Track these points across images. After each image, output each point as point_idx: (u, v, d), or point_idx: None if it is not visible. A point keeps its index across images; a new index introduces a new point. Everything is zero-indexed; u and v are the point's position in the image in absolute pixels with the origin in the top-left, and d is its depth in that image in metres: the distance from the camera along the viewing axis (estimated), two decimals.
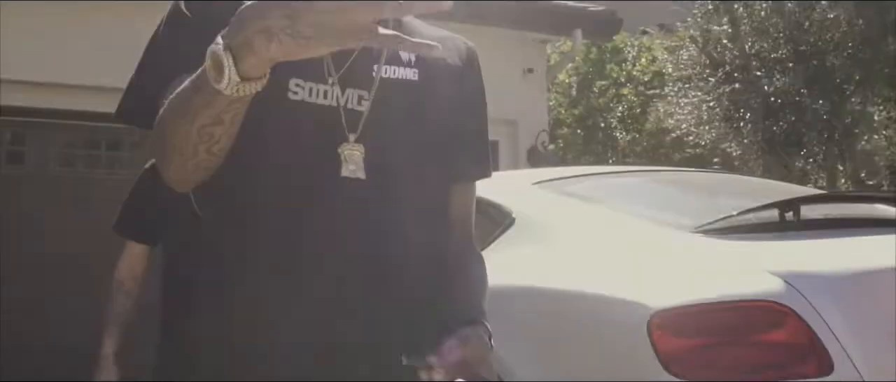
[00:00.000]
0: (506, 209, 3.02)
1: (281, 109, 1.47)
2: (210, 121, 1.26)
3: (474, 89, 1.76)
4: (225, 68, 1.16)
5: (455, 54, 1.72)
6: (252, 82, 1.19)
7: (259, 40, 1.14)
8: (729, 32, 9.51)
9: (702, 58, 9.70)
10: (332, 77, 1.51)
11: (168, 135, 1.33)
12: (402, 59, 1.60)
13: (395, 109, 1.55)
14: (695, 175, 4.12)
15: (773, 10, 9.31)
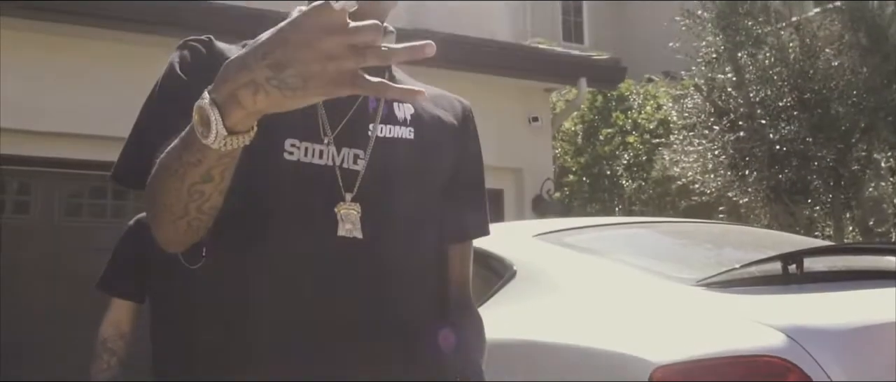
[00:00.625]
0: (507, 261, 3.01)
1: (276, 170, 1.47)
2: (200, 179, 1.26)
3: (471, 147, 1.77)
4: (212, 123, 1.16)
5: (451, 113, 1.74)
6: (240, 136, 1.18)
7: (245, 93, 1.13)
8: (733, 80, 9.52)
9: (706, 106, 9.71)
10: (327, 137, 1.51)
11: (159, 195, 1.33)
12: (397, 117, 1.61)
13: (391, 168, 1.56)
14: (698, 226, 4.11)
15: (778, 58, 9.33)
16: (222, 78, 1.16)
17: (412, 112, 1.65)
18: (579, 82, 9.39)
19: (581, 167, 13.97)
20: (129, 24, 7.08)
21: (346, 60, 1.09)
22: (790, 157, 8.95)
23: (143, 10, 7.06)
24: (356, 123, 1.55)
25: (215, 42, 1.55)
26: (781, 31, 9.71)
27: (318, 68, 1.10)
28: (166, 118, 1.37)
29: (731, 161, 9.41)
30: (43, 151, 7.21)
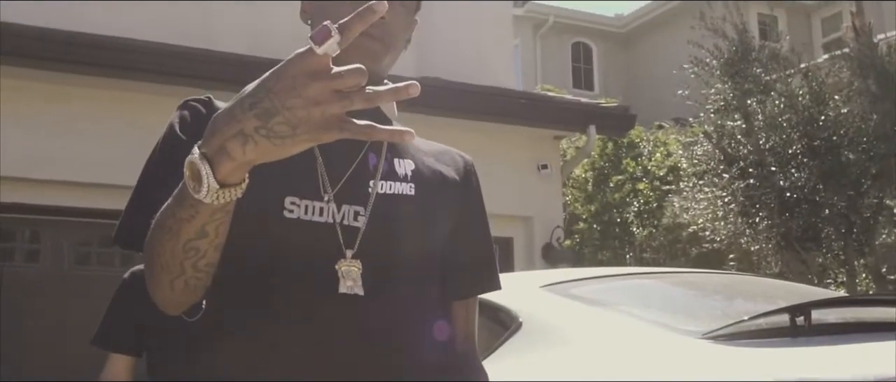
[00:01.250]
0: (513, 313, 2.99)
1: (277, 228, 1.47)
2: (195, 235, 1.26)
3: (474, 202, 1.77)
4: (203, 177, 1.16)
5: (452, 168, 1.74)
6: (231, 188, 1.18)
7: (234, 145, 1.13)
8: (742, 128, 9.51)
9: (716, 153, 9.70)
10: (327, 194, 1.52)
11: (156, 254, 1.33)
12: (398, 174, 1.62)
13: (392, 224, 1.56)
14: (706, 276, 4.08)
15: (787, 105, 9.32)
16: (211, 131, 1.16)
17: (413, 168, 1.65)
18: (588, 130, 9.39)
19: (592, 214, 13.97)
20: (136, 73, 7.14)
21: (332, 105, 1.09)
22: (801, 204, 8.92)
23: (151, 60, 7.12)
24: (357, 180, 1.55)
25: (214, 102, 1.56)
26: (790, 79, 9.71)
27: (305, 114, 1.10)
28: (166, 179, 1.37)
29: (742, 208, 9.38)
30: (52, 199, 7.24)
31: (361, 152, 1.58)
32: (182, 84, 6.84)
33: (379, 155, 1.61)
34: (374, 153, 1.60)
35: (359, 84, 1.10)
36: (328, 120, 1.10)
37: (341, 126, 1.11)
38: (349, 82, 1.09)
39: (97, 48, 7.02)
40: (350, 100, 1.10)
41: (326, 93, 1.09)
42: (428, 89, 6.10)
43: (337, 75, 1.09)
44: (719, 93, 9.72)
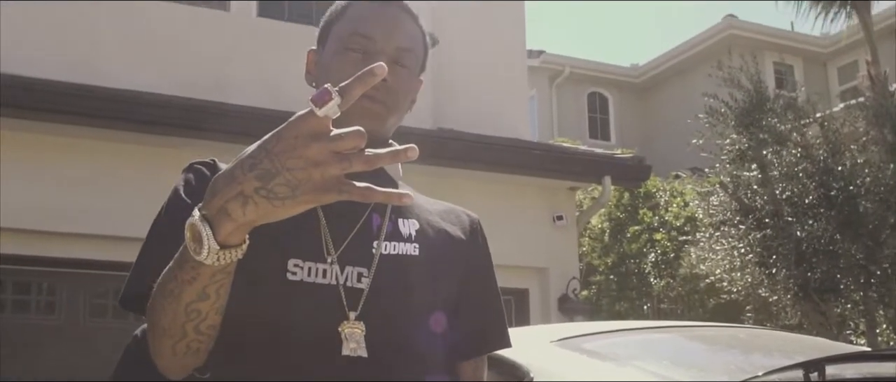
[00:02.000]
0: (523, 368, 2.96)
1: (280, 290, 1.47)
2: (196, 297, 1.25)
3: (481, 260, 1.75)
4: (204, 238, 1.15)
5: (458, 227, 1.73)
6: (232, 250, 1.18)
7: (234, 205, 1.13)
8: (758, 178, 9.47)
9: (732, 203, 9.65)
10: (330, 256, 1.51)
11: (158, 319, 1.32)
12: (402, 234, 1.60)
13: (396, 286, 1.54)
14: (721, 330, 4.04)
15: (803, 155, 9.29)
16: (211, 192, 1.15)
17: (417, 227, 1.64)
18: (604, 180, 9.39)
19: (608, 265, 13.90)
20: (153, 126, 7.19)
21: (331, 166, 1.09)
22: (818, 255, 8.85)
23: (167, 114, 7.18)
24: (360, 241, 1.54)
25: (219, 164, 1.56)
26: (806, 128, 9.68)
27: (304, 175, 1.09)
28: (170, 242, 1.35)
29: (759, 258, 9.32)
30: (69, 252, 7.27)
31: (365, 213, 1.57)
32: (197, 137, 6.89)
33: (383, 215, 1.60)
34: (377, 213, 1.59)
35: (358, 146, 1.10)
36: (327, 181, 1.10)
37: (340, 188, 1.11)
38: (348, 144, 1.09)
39: (114, 102, 7.09)
40: (349, 162, 1.09)
41: (326, 155, 1.09)
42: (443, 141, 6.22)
43: (336, 137, 1.09)
44: (734, 143, 9.69)
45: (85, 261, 7.35)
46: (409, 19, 1.72)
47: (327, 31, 1.72)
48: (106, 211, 7.10)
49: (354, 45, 1.61)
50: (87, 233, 7.19)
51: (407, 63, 1.67)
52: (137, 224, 3.77)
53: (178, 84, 7.66)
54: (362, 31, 1.64)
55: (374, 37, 1.63)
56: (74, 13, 7.90)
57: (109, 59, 7.78)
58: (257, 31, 8.56)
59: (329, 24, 1.72)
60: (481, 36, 9.81)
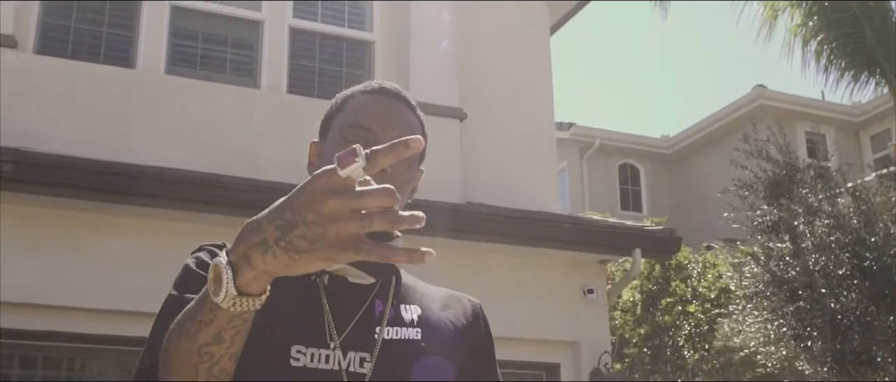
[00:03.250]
0: None
1: (283, 377, 1.48)
2: (211, 339, 1.25)
3: (483, 345, 1.77)
4: (224, 281, 1.16)
5: (461, 313, 1.75)
6: (249, 298, 1.18)
7: (255, 253, 1.14)
8: (790, 249, 9.40)
9: (765, 275, 9.56)
10: (333, 341, 1.52)
11: (171, 356, 1.32)
12: (404, 319, 1.63)
13: (398, 371, 1.56)
14: None
15: (835, 226, 9.22)
16: (238, 239, 1.17)
17: (420, 313, 1.66)
18: (634, 253, 9.33)
19: (641, 338, 13.76)
20: (184, 202, 7.26)
21: (348, 224, 1.09)
22: (853, 327, 8.73)
23: (198, 190, 7.25)
24: (363, 326, 1.56)
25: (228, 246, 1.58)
26: (838, 198, 9.62)
27: (320, 231, 1.10)
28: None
29: (794, 331, 9.21)
30: (97, 329, 7.29)
31: (368, 298, 1.59)
32: (227, 213, 6.94)
33: (385, 301, 1.62)
34: (380, 299, 1.62)
35: (384, 205, 1.10)
36: (343, 239, 1.10)
37: (357, 246, 1.11)
38: (372, 203, 1.10)
39: (143, 179, 7.17)
40: (370, 220, 1.09)
41: (344, 212, 1.09)
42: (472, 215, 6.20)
43: (358, 194, 1.09)
44: (765, 214, 9.64)
45: (114, 338, 7.37)
46: (408, 110, 1.76)
47: (328, 124, 1.76)
48: (136, 286, 7.13)
49: (354, 136, 1.65)
50: (117, 309, 7.22)
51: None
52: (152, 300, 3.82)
53: (209, 161, 7.75)
54: (361, 123, 1.67)
55: (373, 128, 1.66)
56: (105, 91, 8.04)
57: (140, 136, 7.90)
58: (287, 107, 8.65)
59: (330, 117, 1.77)
60: (510, 109, 9.87)
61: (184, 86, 8.44)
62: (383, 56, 9.49)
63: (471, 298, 1.82)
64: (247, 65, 9.06)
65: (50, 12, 8.39)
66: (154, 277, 7.03)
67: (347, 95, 1.79)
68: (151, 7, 8.64)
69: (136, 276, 7.15)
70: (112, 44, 8.54)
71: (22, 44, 7.98)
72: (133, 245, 7.34)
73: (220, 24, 9.08)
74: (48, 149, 7.18)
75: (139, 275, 7.17)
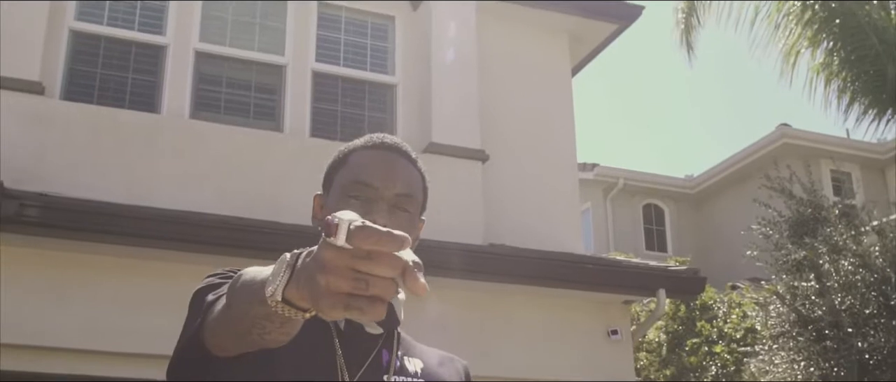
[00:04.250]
0: None
1: None
2: (263, 316, 1.25)
3: None
4: (277, 281, 1.16)
5: (454, 372, 1.85)
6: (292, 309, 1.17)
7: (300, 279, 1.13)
8: (816, 288, 9.33)
9: (791, 314, 9.49)
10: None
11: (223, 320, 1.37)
12: (408, 370, 1.72)
13: None
14: None
15: (861, 264, 9.15)
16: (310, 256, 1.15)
17: (422, 366, 1.75)
18: (658, 293, 9.28)
19: (667, 379, 13.65)
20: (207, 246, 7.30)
21: (340, 280, 1.06)
22: (881, 366, 8.64)
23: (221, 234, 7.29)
24: (372, 373, 1.64)
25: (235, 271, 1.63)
26: (863, 237, 9.56)
27: (321, 280, 1.07)
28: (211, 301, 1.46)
29: (821, 371, 9.11)
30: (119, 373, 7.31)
31: (376, 347, 1.67)
32: (250, 256, 6.93)
33: (391, 351, 1.70)
34: (386, 349, 1.69)
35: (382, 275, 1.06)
36: (333, 293, 1.07)
37: (348, 304, 1.07)
38: (372, 269, 1.06)
39: (169, 222, 7.23)
40: (365, 284, 1.06)
41: (337, 267, 1.06)
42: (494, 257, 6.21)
43: (358, 257, 1.05)
44: (790, 253, 9.58)
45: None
46: (408, 164, 1.80)
47: (331, 178, 1.81)
48: (159, 330, 7.15)
49: (355, 192, 1.69)
50: (141, 353, 7.25)
51: (407, 207, 1.74)
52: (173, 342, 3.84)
53: (232, 204, 7.81)
54: (363, 179, 1.71)
55: (374, 184, 1.70)
56: (130, 136, 8.13)
57: (164, 180, 7.97)
58: (310, 150, 8.70)
59: (332, 171, 1.82)
60: (532, 150, 9.89)
61: (208, 130, 8.52)
62: (405, 99, 9.56)
63: (461, 360, 1.91)
64: (270, 109, 9.14)
65: (76, 59, 8.51)
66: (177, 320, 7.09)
67: (349, 150, 1.82)
68: (176, 53, 8.75)
69: (158, 319, 7.15)
70: (137, 89, 8.65)
71: (49, 90, 8.09)
72: (156, 288, 7.37)
73: (243, 68, 9.18)
74: (74, 193, 7.26)
75: (162, 319, 7.16)
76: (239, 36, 9.23)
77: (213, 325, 1.43)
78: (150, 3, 8.94)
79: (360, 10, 9.77)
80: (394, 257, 1.06)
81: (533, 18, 10.30)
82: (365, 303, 1.06)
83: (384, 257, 1.05)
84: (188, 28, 8.92)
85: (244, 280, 1.30)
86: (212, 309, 1.44)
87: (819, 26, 10.81)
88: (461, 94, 9.47)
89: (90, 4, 8.73)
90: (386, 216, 1.65)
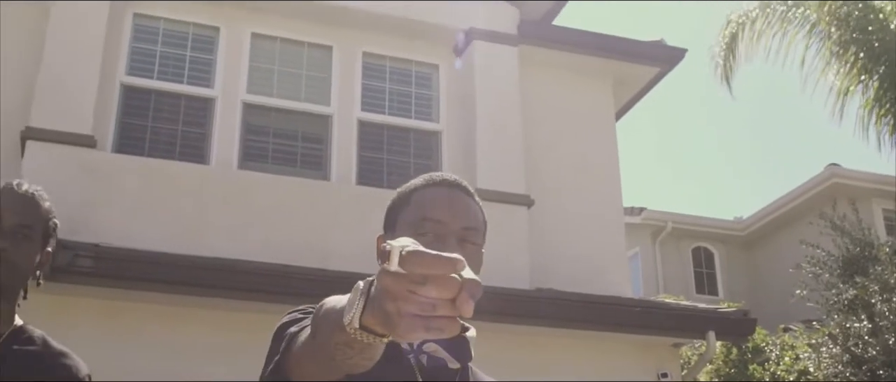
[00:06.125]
0: None
1: None
2: (343, 342, 1.26)
3: None
4: (353, 308, 1.18)
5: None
6: (369, 335, 1.19)
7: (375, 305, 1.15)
8: (868, 328, 9.20)
9: (843, 355, 9.36)
10: None
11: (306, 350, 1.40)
12: None
13: None
14: None
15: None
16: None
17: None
18: (708, 336, 9.20)
19: None
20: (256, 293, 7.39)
21: (407, 304, 1.08)
22: None
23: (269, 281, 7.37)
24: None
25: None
26: None
27: (389, 307, 1.10)
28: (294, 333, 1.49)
29: None
30: None
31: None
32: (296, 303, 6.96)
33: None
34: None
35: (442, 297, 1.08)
36: (405, 317, 1.09)
37: (428, 326, 1.09)
38: (430, 292, 1.08)
39: (218, 271, 7.33)
40: (433, 307, 1.08)
41: (398, 291, 1.09)
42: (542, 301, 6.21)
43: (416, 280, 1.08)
44: (841, 293, 9.47)
45: None
46: (469, 198, 1.86)
47: (394, 217, 1.86)
48: (210, 375, 7.24)
49: (424, 229, 1.76)
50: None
51: (474, 240, 1.80)
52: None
53: (280, 252, 7.89)
54: (431, 217, 1.77)
55: (443, 220, 1.77)
56: (180, 187, 8.28)
57: (213, 229, 8.09)
58: (357, 198, 8.80)
59: (395, 212, 1.87)
60: (578, 194, 9.90)
61: (256, 180, 8.64)
62: (450, 145, 9.62)
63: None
64: (316, 158, 9.25)
65: (127, 112, 8.69)
66: (228, 367, 7.17)
67: (411, 189, 1.88)
68: (224, 105, 8.91)
69: (209, 367, 7.26)
70: (187, 141, 8.81)
71: (101, 143, 8.27)
72: (206, 335, 7.47)
73: (290, 119, 9.32)
74: (125, 243, 7.39)
75: (213, 366, 7.29)
76: (285, 87, 9.39)
77: (297, 355, 1.47)
78: (199, 57, 9.13)
79: (404, 58, 9.89)
80: (448, 279, 1.08)
81: (575, 63, 10.36)
82: (443, 323, 1.09)
83: (438, 279, 1.08)
84: (236, 80, 9.09)
85: (326, 308, 1.34)
86: (295, 341, 1.48)
87: (863, 64, 10.74)
88: (505, 140, 9.52)
89: (141, 59, 8.93)
90: (456, 249, 1.68)
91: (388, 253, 1.11)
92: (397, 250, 1.10)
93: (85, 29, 8.48)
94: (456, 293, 1.08)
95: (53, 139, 7.85)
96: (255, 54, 9.31)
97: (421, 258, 1.08)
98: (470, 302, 1.08)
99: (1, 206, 2.40)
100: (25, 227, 2.42)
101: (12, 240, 2.38)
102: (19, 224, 2.41)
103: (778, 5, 11.08)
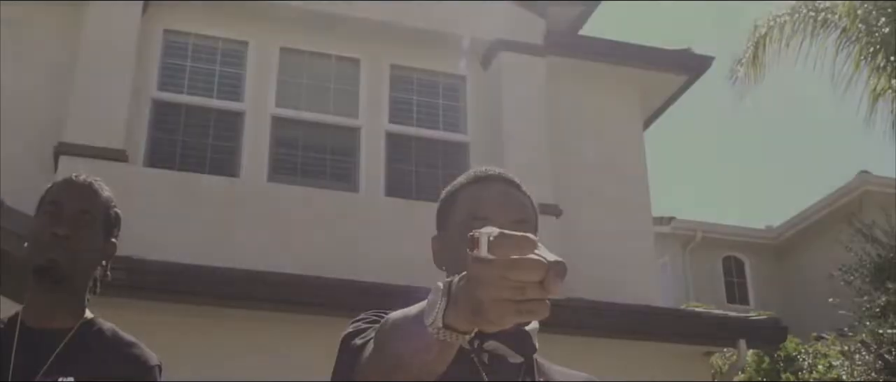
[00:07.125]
0: None
1: None
2: (423, 348, 1.28)
3: None
4: (435, 309, 1.21)
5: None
6: (453, 333, 1.21)
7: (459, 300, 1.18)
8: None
9: (876, 362, 9.29)
10: None
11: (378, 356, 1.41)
12: None
13: None
14: None
15: None
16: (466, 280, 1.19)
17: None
18: (739, 344, 9.15)
19: None
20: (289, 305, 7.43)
21: (500, 290, 1.11)
22: None
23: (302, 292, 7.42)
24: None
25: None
26: None
27: (483, 295, 1.12)
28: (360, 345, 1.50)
29: None
30: None
31: (520, 376, 1.72)
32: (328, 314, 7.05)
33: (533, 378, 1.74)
34: (528, 376, 1.74)
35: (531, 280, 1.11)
36: (497, 303, 1.12)
37: (518, 309, 1.12)
38: (519, 275, 1.11)
39: (249, 282, 7.38)
40: (522, 292, 1.11)
41: (493, 279, 1.11)
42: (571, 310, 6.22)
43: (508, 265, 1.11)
44: (873, 299, 9.40)
45: None
46: (516, 190, 1.86)
47: (445, 217, 1.84)
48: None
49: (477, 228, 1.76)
50: None
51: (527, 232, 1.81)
52: None
53: (310, 263, 7.93)
54: (480, 215, 1.75)
55: (491, 216, 1.72)
56: (210, 200, 8.38)
57: (243, 242, 8.14)
58: (386, 210, 8.84)
59: (445, 211, 1.85)
60: (606, 204, 9.88)
61: (285, 193, 8.70)
62: (478, 156, 9.64)
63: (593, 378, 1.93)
64: (346, 171, 9.30)
65: (158, 127, 8.79)
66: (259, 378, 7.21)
67: (457, 187, 1.87)
68: (253, 119, 8.98)
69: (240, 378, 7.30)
70: (217, 155, 8.89)
71: (132, 157, 8.35)
72: (238, 346, 7.51)
73: (319, 132, 9.38)
74: (157, 256, 7.44)
75: (244, 377, 7.33)
76: (314, 100, 9.45)
77: (364, 367, 1.47)
78: (228, 72, 9.21)
79: (431, 70, 9.93)
80: (536, 262, 1.11)
81: (602, 73, 10.36)
82: (534, 305, 1.12)
83: (526, 262, 1.11)
84: (265, 94, 9.17)
85: (394, 321, 1.36)
86: (361, 353, 1.49)
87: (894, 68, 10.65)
88: (533, 150, 9.53)
89: (171, 74, 9.03)
90: None
91: (476, 240, 1.13)
92: (485, 236, 1.13)
93: (116, 46, 8.59)
94: (544, 274, 1.11)
95: (86, 154, 7.94)
96: (283, 68, 9.38)
97: (509, 241, 1.11)
98: (558, 282, 1.12)
99: (61, 196, 2.39)
100: (86, 213, 2.41)
101: (74, 227, 2.35)
102: (80, 209, 2.40)
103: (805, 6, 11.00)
